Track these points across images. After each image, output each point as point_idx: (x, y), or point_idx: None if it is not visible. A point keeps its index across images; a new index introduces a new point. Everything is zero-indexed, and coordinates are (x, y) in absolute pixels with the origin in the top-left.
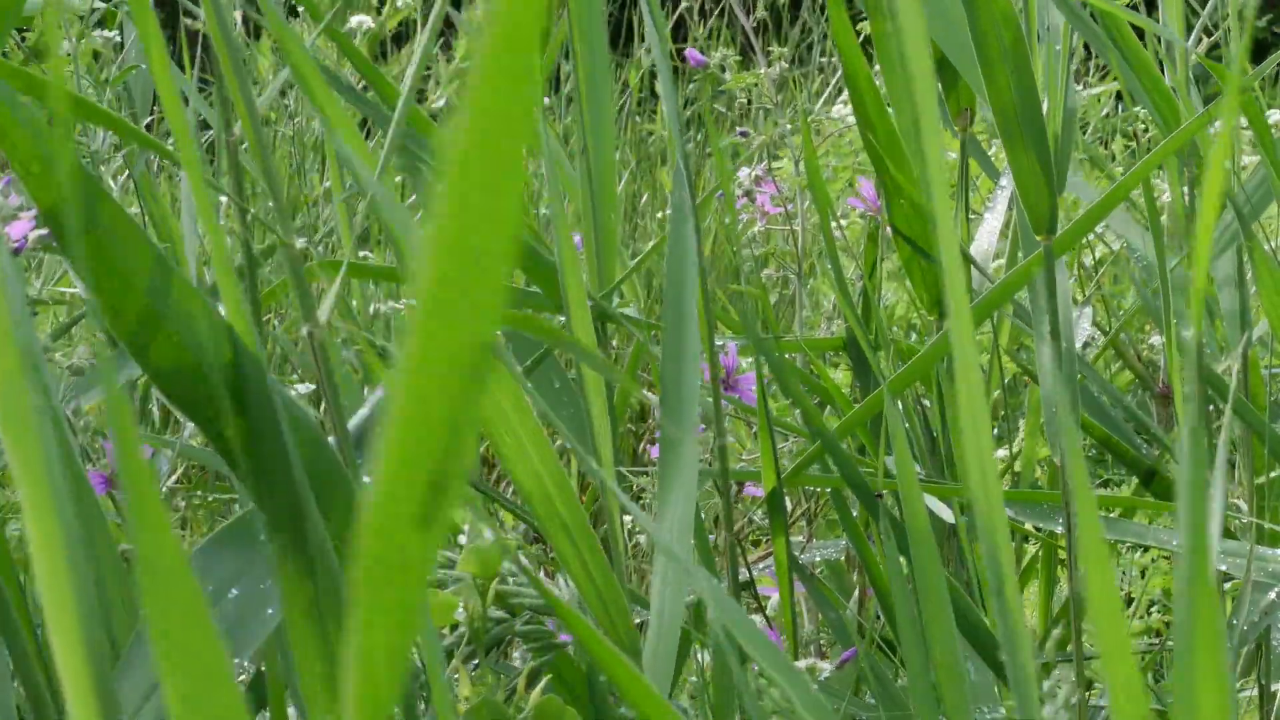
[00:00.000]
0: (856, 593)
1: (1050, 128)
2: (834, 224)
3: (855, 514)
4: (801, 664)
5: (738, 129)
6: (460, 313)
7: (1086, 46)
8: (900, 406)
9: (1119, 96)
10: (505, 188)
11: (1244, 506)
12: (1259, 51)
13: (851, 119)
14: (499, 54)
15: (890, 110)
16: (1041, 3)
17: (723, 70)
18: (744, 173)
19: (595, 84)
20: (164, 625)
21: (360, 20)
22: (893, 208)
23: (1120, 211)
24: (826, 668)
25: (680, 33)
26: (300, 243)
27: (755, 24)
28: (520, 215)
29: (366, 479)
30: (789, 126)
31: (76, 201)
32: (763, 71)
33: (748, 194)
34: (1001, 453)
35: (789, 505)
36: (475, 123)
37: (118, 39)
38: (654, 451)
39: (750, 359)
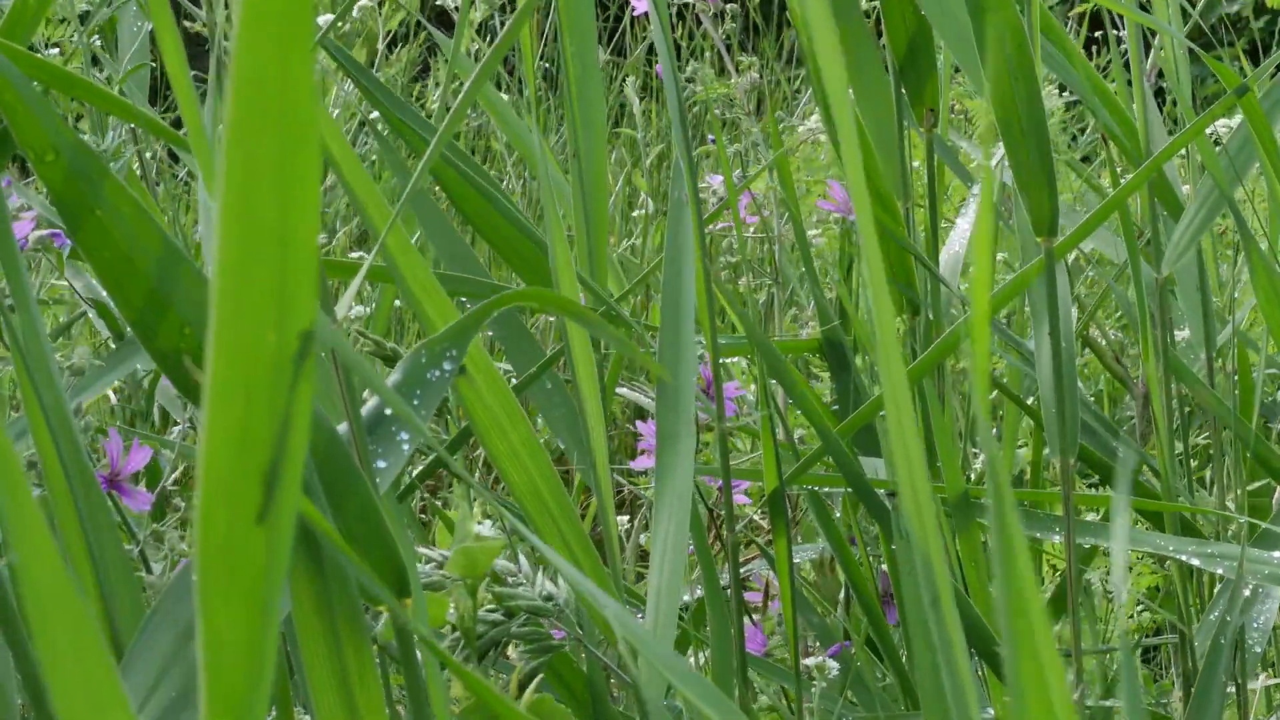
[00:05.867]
0: (842, 594)
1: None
2: (810, 230)
3: (852, 513)
4: (810, 661)
5: (709, 137)
6: (266, 302)
7: (1086, 45)
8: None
9: None
10: (298, 172)
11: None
12: (1257, 53)
13: (824, 134)
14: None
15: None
16: None
17: (691, 82)
18: (716, 180)
19: (586, 81)
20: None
21: (328, 19)
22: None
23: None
24: (835, 666)
25: (679, 32)
26: None
27: (725, 35)
28: (316, 200)
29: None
30: (760, 135)
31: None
32: (733, 81)
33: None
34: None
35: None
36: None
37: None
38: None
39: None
